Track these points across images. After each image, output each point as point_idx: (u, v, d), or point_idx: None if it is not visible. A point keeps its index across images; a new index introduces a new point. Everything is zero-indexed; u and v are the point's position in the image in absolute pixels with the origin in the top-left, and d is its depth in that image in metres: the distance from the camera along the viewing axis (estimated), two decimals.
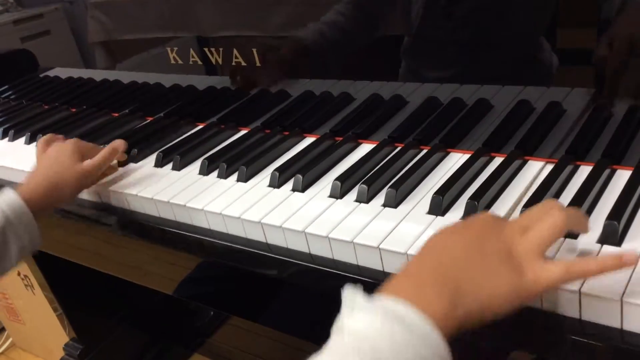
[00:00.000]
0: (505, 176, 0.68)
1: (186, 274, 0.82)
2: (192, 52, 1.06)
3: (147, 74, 1.21)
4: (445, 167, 0.75)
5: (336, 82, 0.96)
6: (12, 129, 1.19)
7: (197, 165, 0.88)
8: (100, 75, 1.30)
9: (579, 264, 0.46)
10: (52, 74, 1.41)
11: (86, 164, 0.83)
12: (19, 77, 1.46)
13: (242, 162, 0.84)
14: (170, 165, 0.91)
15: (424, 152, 0.78)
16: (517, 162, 0.71)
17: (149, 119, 1.12)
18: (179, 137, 1.01)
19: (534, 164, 0.71)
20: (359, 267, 0.64)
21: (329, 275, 0.65)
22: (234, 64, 1.00)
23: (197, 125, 1.05)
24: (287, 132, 0.92)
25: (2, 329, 1.81)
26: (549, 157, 0.71)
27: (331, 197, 0.73)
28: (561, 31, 0.72)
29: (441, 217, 0.65)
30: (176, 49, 1.08)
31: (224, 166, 0.84)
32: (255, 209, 0.73)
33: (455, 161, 0.75)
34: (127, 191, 0.84)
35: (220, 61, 1.03)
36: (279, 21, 0.94)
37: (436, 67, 0.86)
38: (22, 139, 1.15)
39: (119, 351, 1.53)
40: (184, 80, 1.14)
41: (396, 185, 0.69)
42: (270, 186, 0.78)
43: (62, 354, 1.49)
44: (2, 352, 1.80)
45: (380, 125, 0.87)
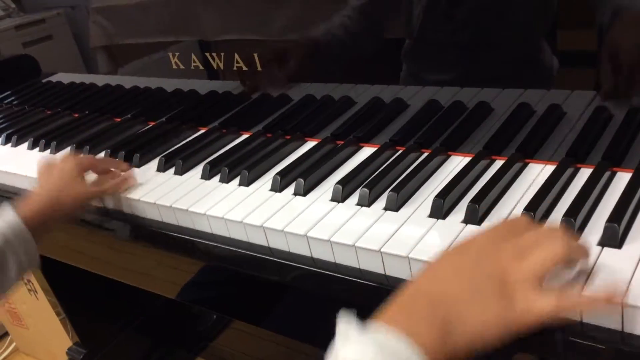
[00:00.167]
0: (506, 179, 0.69)
1: (189, 278, 0.83)
2: (194, 57, 1.06)
3: (149, 79, 1.21)
4: (446, 170, 0.75)
5: (337, 86, 0.96)
6: (14, 135, 1.19)
7: (199, 169, 0.88)
8: (102, 80, 1.30)
9: (570, 299, 0.47)
10: (54, 79, 1.42)
11: (92, 189, 0.84)
12: (21, 82, 1.46)
13: (243, 166, 0.84)
14: (172, 169, 0.91)
15: (425, 155, 0.78)
16: (518, 165, 0.71)
17: (151, 124, 1.12)
18: (181, 141, 1.01)
19: (534, 166, 0.71)
20: (360, 270, 0.64)
21: (331, 278, 0.65)
22: (235, 68, 1.01)
23: (199, 129, 1.05)
24: (288, 136, 0.92)
25: (6, 334, 1.82)
26: (549, 160, 0.71)
27: (333, 200, 0.73)
28: (561, 33, 0.73)
29: (442, 220, 0.65)
30: (178, 54, 1.08)
31: (226, 170, 0.84)
32: (257, 213, 0.73)
33: (456, 164, 0.76)
34: (129, 196, 0.85)
35: (221, 66, 1.03)
36: (280, 25, 0.95)
37: (437, 69, 0.86)
38: (25, 145, 1.16)
39: (122, 355, 1.53)
40: (186, 84, 1.14)
41: (397, 188, 0.70)
42: (272, 190, 0.78)
43: (66, 358, 1.49)
44: (6, 357, 1.80)
45: (381, 128, 0.88)
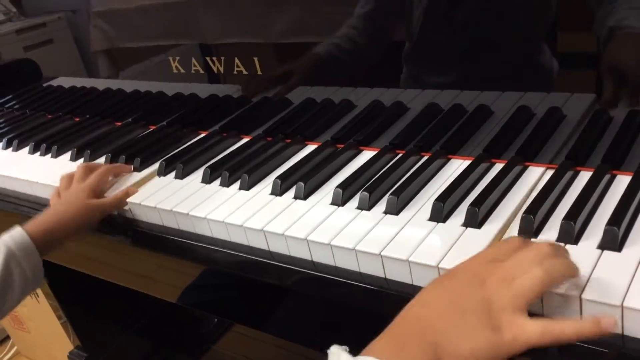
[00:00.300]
0: (505, 182, 0.69)
1: (189, 281, 0.83)
2: (194, 61, 1.06)
3: (150, 83, 1.21)
4: (446, 174, 0.75)
5: (337, 89, 0.96)
6: (15, 139, 1.20)
7: (200, 173, 0.88)
8: (103, 84, 1.31)
9: (557, 326, 0.46)
10: (55, 83, 1.42)
11: (101, 201, 0.85)
12: (22, 86, 1.46)
13: (244, 170, 0.84)
14: (173, 173, 0.91)
15: (424, 158, 0.78)
16: (518, 168, 0.71)
17: (152, 128, 1.13)
18: (181, 145, 1.02)
19: (534, 169, 0.71)
20: (361, 274, 0.64)
21: (331, 282, 0.65)
22: (235, 72, 1.01)
23: (199, 133, 1.05)
24: (288, 140, 0.93)
25: (7, 337, 1.82)
26: (549, 163, 0.71)
27: (333, 204, 0.73)
28: (561, 36, 0.73)
29: (442, 223, 0.65)
30: (178, 58, 1.08)
31: (227, 174, 0.84)
32: (257, 216, 0.73)
33: (456, 167, 0.76)
34: (130, 200, 0.85)
35: (222, 70, 1.03)
36: (281, 29, 0.95)
37: (437, 72, 0.86)
38: (26, 149, 1.16)
39: (123, 359, 1.53)
40: (187, 88, 1.14)
41: (397, 192, 0.70)
42: (272, 194, 0.79)
43: None
44: None
45: (381, 132, 0.88)
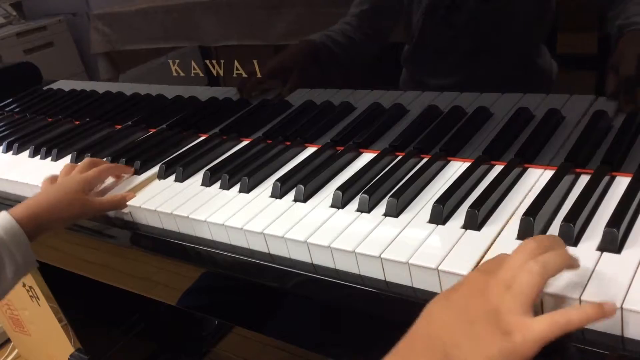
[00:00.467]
0: (505, 184, 0.69)
1: (190, 284, 0.83)
2: (194, 63, 1.06)
3: (150, 86, 1.21)
4: (445, 176, 0.75)
5: (337, 92, 0.96)
6: (16, 142, 1.20)
7: (200, 176, 0.88)
8: (103, 87, 1.31)
9: (563, 316, 0.46)
10: (55, 86, 1.42)
11: (96, 201, 0.84)
12: (22, 89, 1.47)
13: (244, 173, 0.84)
14: (173, 176, 0.91)
15: (424, 160, 0.78)
16: (517, 170, 0.71)
17: (152, 131, 1.13)
18: (181, 148, 1.02)
19: (533, 171, 0.71)
20: (361, 276, 0.64)
21: (331, 285, 0.65)
22: (235, 75, 1.01)
23: (199, 136, 1.05)
24: (288, 143, 0.93)
25: (8, 341, 1.82)
26: (548, 165, 0.71)
27: (333, 207, 0.73)
28: (560, 37, 0.73)
29: (442, 225, 0.65)
30: (178, 61, 1.09)
31: (226, 177, 0.84)
32: (257, 219, 0.73)
33: (455, 169, 0.76)
34: (130, 203, 0.85)
35: (221, 72, 1.03)
36: (280, 32, 0.95)
37: (437, 74, 0.86)
38: (26, 152, 1.16)
39: None
40: (186, 91, 1.14)
41: (397, 194, 0.70)
42: (272, 197, 0.79)
43: None
44: None
45: (381, 134, 0.88)
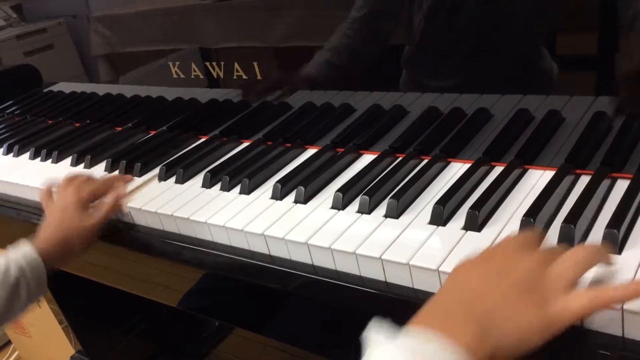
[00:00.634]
0: (505, 185, 0.69)
1: (190, 286, 0.83)
2: (194, 65, 1.07)
3: (150, 88, 1.21)
4: (445, 177, 0.75)
5: (337, 93, 0.96)
6: (16, 145, 1.20)
7: (200, 178, 0.88)
8: (103, 89, 1.31)
9: (604, 294, 0.46)
10: (55, 88, 1.43)
11: (95, 218, 0.84)
12: (22, 92, 1.47)
13: (244, 174, 0.84)
14: (173, 178, 0.91)
15: (424, 162, 0.78)
16: (517, 171, 0.71)
17: (152, 133, 1.13)
18: (181, 150, 1.02)
19: (533, 172, 0.72)
20: (361, 278, 0.64)
21: (332, 286, 0.65)
22: (235, 77, 1.01)
23: (199, 138, 1.05)
24: (288, 144, 0.93)
25: (9, 342, 1.82)
26: (548, 166, 0.71)
27: (333, 208, 0.73)
28: (560, 39, 0.73)
29: (442, 226, 0.65)
30: (178, 63, 1.09)
31: (227, 179, 0.84)
32: (258, 221, 0.73)
33: (455, 171, 0.76)
34: (130, 205, 0.85)
35: (221, 74, 1.03)
36: (280, 34, 0.95)
37: (437, 75, 0.86)
38: (27, 155, 1.16)
39: None
40: (187, 93, 1.15)
41: (397, 195, 0.70)
42: (272, 198, 0.79)
43: None
44: None
45: (381, 135, 0.88)
